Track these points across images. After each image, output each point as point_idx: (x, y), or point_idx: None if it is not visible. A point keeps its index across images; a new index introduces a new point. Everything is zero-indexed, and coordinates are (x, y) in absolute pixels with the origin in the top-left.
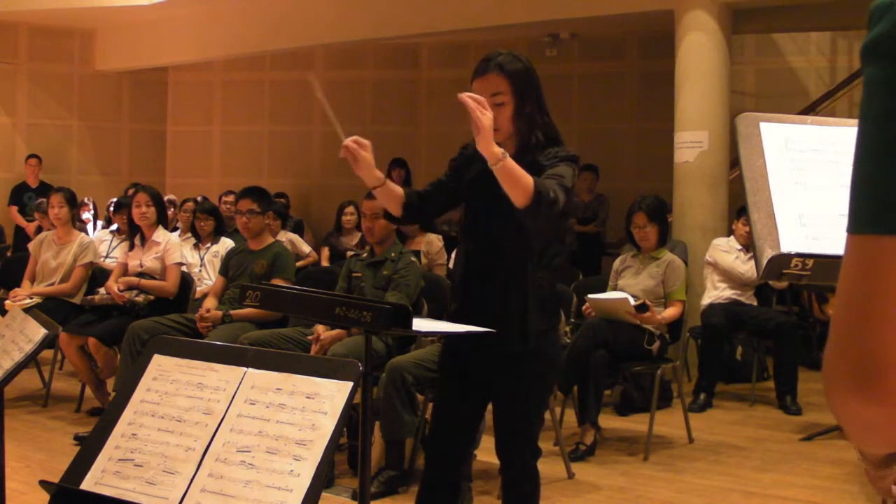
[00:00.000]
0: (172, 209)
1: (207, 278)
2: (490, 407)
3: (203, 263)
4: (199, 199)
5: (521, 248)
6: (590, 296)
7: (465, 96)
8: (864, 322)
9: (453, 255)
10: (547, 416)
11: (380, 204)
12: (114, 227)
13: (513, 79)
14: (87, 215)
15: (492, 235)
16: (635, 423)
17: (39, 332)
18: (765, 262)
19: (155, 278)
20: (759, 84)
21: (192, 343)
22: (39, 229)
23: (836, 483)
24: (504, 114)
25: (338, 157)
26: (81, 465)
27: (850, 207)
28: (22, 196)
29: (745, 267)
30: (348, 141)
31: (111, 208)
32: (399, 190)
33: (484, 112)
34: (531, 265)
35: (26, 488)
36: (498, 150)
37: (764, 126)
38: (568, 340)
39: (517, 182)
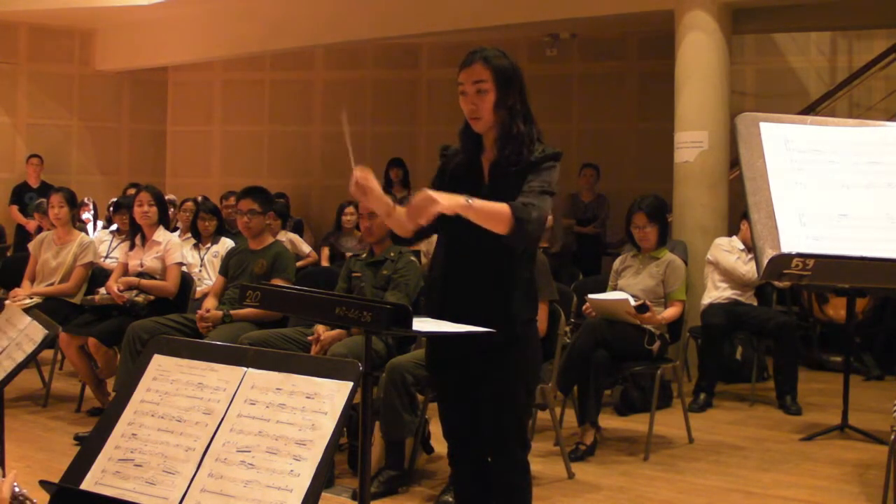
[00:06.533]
0: (172, 209)
1: (207, 278)
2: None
3: (203, 263)
4: (199, 198)
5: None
6: (590, 296)
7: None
8: None
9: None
10: (547, 416)
11: None
12: (114, 227)
13: (496, 70)
14: (87, 215)
15: (472, 226)
16: (635, 423)
17: (39, 332)
18: (765, 262)
19: (155, 278)
20: (759, 84)
21: (192, 343)
22: (39, 229)
23: (836, 483)
24: (486, 102)
25: (337, 157)
26: (81, 465)
27: None
28: (23, 196)
29: (746, 268)
30: (358, 175)
31: (111, 208)
32: None
33: (424, 199)
34: (513, 254)
35: (26, 488)
36: (460, 197)
37: (764, 126)
38: (568, 340)
39: (493, 217)
